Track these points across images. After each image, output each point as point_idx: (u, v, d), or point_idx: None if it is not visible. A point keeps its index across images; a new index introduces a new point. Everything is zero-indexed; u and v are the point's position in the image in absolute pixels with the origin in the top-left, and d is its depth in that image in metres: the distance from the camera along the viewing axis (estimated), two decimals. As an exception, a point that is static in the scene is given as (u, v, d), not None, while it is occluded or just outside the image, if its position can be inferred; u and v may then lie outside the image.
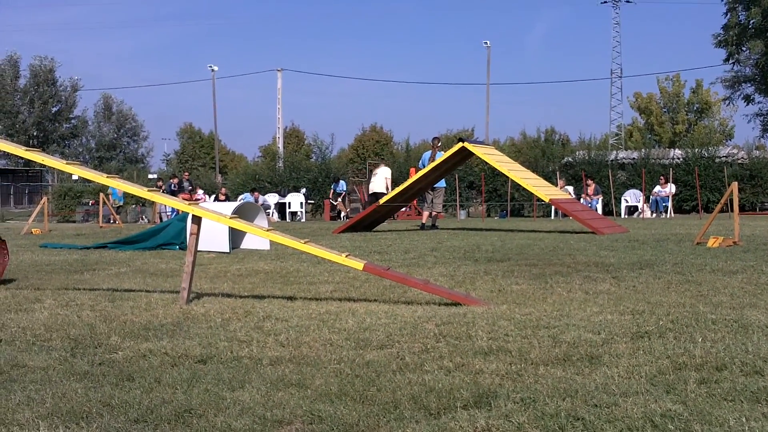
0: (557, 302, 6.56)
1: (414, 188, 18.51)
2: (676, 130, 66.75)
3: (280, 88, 54.60)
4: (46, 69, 68.89)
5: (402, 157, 42.10)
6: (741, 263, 9.19)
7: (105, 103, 75.20)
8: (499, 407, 3.49)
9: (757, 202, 33.23)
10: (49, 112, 69.84)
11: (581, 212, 17.25)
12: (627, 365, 4.19)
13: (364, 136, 65.75)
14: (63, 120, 71.60)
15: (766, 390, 3.65)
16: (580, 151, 38.16)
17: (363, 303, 6.69)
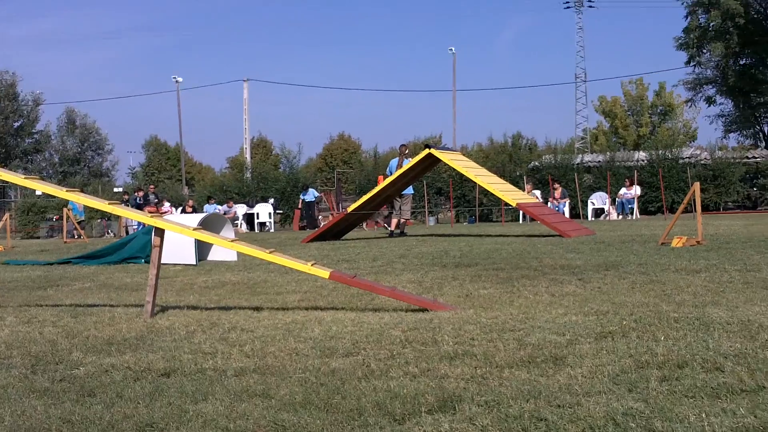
0: (523, 305, 6.58)
1: (382, 195, 18.51)
2: (640, 133, 67.21)
3: (247, 99, 54.53)
4: (8, 83, 68.17)
5: (370, 165, 42.15)
6: (704, 262, 9.27)
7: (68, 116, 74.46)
8: (464, 411, 3.50)
9: (720, 201, 33.59)
10: (11, 127, 69.11)
11: (548, 216, 17.33)
12: (590, 365, 4.22)
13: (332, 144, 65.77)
14: (25, 135, 70.86)
15: (726, 386, 3.68)
16: (546, 156, 38.42)
17: (330, 311, 6.68)
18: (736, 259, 9.55)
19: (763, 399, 3.47)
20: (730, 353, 4.35)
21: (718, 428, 3.11)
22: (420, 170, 18.88)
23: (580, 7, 73.56)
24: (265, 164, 50.28)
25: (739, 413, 3.28)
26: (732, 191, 34.23)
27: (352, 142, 66.03)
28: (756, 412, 3.27)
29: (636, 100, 69.70)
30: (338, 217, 19.20)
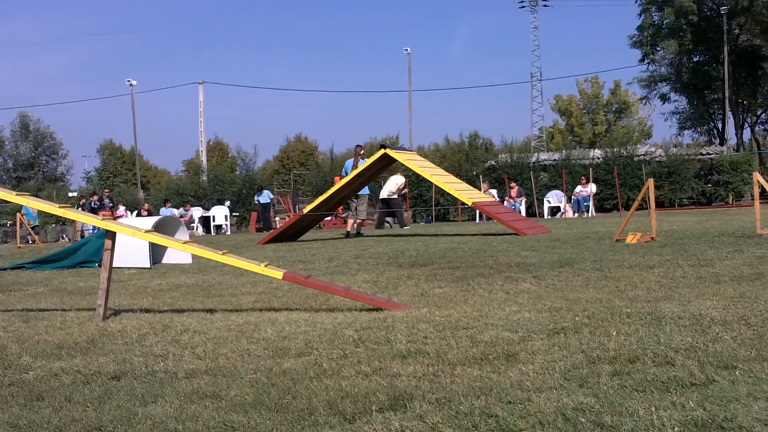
0: (478, 303, 6.59)
1: (338, 196, 18.48)
2: (596, 131, 67.83)
3: (202, 101, 54.21)
4: (-41, 90, 67.35)
5: (327, 166, 42.12)
6: (658, 258, 9.35)
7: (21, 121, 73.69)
8: (414, 409, 3.49)
9: (675, 198, 33.93)
10: (-37, 134, 68.27)
11: (504, 214, 17.40)
12: (542, 361, 4.22)
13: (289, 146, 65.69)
14: (-23, 141, 70.08)
15: (676, 379, 3.70)
16: (503, 155, 38.60)
17: (284, 312, 6.65)
18: (689, 254, 9.64)
19: (713, 392, 3.49)
20: (681, 347, 4.37)
21: (668, 422, 3.12)
22: (376, 171, 18.87)
23: (535, 6, 74.00)
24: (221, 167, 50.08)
25: (688, 406, 3.29)
26: (687, 188, 34.60)
27: (308, 143, 66.00)
28: (705, 405, 3.29)
29: (591, 98, 70.35)
30: (294, 219, 19.14)
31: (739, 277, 7.36)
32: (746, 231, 12.90)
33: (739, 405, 3.26)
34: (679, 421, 3.12)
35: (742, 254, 9.29)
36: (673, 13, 43.09)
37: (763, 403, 3.27)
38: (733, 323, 4.99)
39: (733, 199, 34.07)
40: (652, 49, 46.67)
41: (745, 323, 4.97)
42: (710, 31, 45.07)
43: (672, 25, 44.29)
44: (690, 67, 47.44)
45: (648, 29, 45.65)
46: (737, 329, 4.79)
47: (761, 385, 3.55)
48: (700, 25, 44.69)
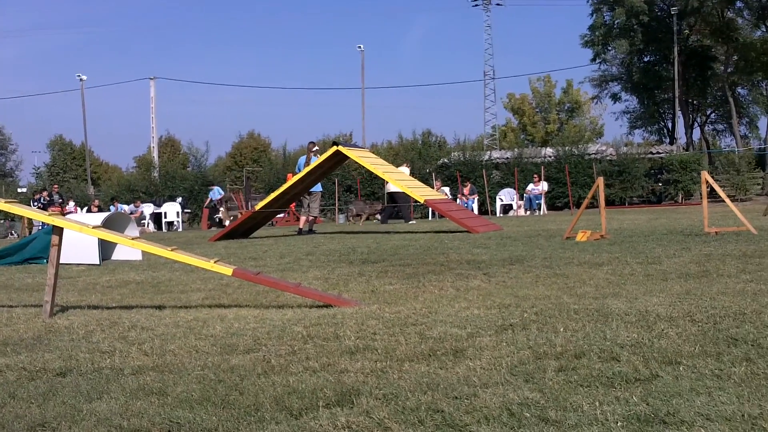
0: (428, 300, 6.61)
1: (290, 193, 18.43)
2: (548, 130, 68.24)
3: (153, 97, 53.74)
4: None
5: (280, 163, 42.00)
6: (607, 255, 9.44)
7: (-31, 116, 72.60)
8: (361, 404, 3.49)
9: (625, 196, 34.28)
10: None
11: (456, 212, 17.46)
12: (490, 357, 4.25)
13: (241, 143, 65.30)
14: (-76, 137, 68.88)
15: (620, 374, 3.74)
16: (455, 153, 38.74)
17: (233, 309, 6.62)
18: (638, 252, 9.74)
19: (656, 387, 3.53)
20: (626, 343, 4.42)
21: (611, 416, 3.15)
22: (328, 167, 18.85)
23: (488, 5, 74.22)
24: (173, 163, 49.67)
25: (632, 401, 3.33)
26: (637, 186, 34.98)
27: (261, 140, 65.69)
28: (648, 400, 3.33)
29: (544, 97, 70.76)
30: (246, 215, 19.05)
31: (686, 275, 7.45)
32: (694, 229, 13.07)
33: (681, 400, 3.31)
34: (622, 415, 3.15)
35: (690, 252, 9.41)
36: (624, 13, 43.48)
37: (705, 398, 3.32)
38: (678, 320, 5.05)
39: (683, 197, 34.49)
40: (603, 49, 47.06)
41: (691, 319, 5.04)
42: (661, 31, 45.54)
43: (623, 25, 44.69)
44: (641, 67, 47.91)
45: (599, 29, 46.01)
46: (682, 325, 4.85)
47: (704, 380, 3.60)
48: (651, 26, 45.15)
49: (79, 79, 52.63)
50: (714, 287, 6.50)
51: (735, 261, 8.31)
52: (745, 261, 8.28)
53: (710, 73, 47.43)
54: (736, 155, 36.14)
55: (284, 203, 19.65)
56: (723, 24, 40.92)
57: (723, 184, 33.03)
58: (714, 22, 41.30)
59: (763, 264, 7.98)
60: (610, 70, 52.09)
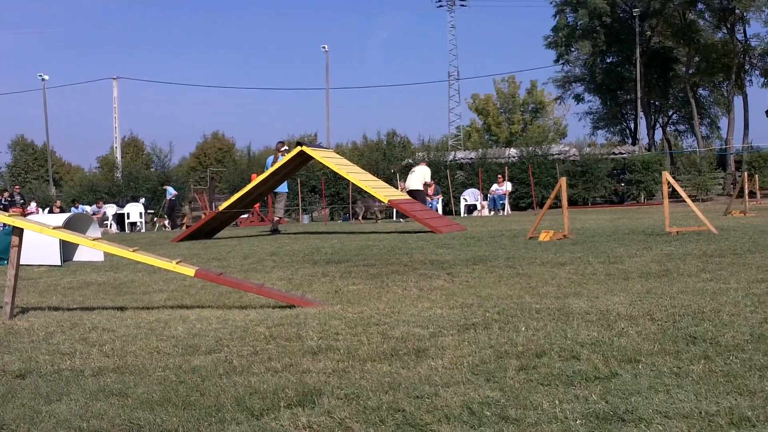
0: (391, 300, 6.62)
1: (254, 193, 18.36)
2: (512, 130, 68.58)
3: (117, 97, 53.42)
4: None
5: (244, 164, 41.87)
6: (569, 255, 9.50)
7: (-71, 117, 71.65)
8: (323, 404, 3.49)
9: (588, 197, 34.51)
10: None
11: (420, 212, 17.48)
12: (451, 357, 4.26)
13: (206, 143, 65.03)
14: None
15: (580, 373, 3.77)
16: (420, 153, 38.82)
17: (196, 310, 6.59)
18: (600, 251, 9.81)
19: (615, 385, 3.56)
20: (587, 342, 4.45)
21: (570, 414, 3.17)
22: (292, 168, 18.81)
23: (452, 5, 74.50)
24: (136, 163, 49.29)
25: (591, 399, 3.36)
26: (600, 186, 35.24)
27: (226, 140, 65.47)
28: (607, 398, 3.36)
29: (508, 97, 71.11)
30: (209, 216, 18.96)
31: (647, 274, 7.52)
32: (656, 229, 13.19)
33: (640, 398, 3.34)
34: (581, 413, 3.18)
35: (651, 252, 9.49)
36: (587, 15, 43.77)
37: (664, 396, 3.35)
38: (638, 318, 5.10)
39: (645, 197, 34.79)
40: (566, 50, 47.34)
41: (650, 318, 5.08)
42: (623, 32, 45.87)
43: (586, 26, 44.96)
44: (603, 68, 48.23)
45: (563, 30, 46.27)
46: (642, 324, 4.89)
47: (663, 378, 3.63)
48: (614, 27, 45.48)
49: (41, 78, 52.26)
50: (674, 286, 6.57)
51: (695, 260, 8.40)
52: (705, 260, 8.37)
53: (672, 74, 47.86)
54: (697, 156, 36.51)
55: (248, 204, 19.57)
56: (684, 26, 41.29)
57: (684, 184, 33.39)
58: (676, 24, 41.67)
59: (722, 263, 8.07)
60: (573, 71, 52.41)
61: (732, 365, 3.79)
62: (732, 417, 3.05)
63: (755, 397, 3.27)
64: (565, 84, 53.93)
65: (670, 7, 40.18)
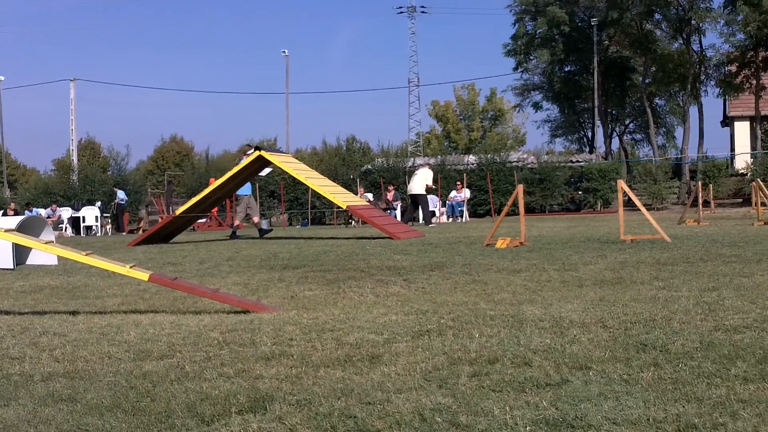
0: (347, 306, 6.62)
1: (211, 198, 18.29)
2: (471, 137, 68.83)
3: (74, 99, 52.82)
4: None
5: (203, 168, 41.66)
6: (525, 262, 9.56)
7: None
8: (274, 410, 3.48)
9: (546, 204, 34.73)
10: None
11: (378, 218, 17.50)
12: (405, 363, 4.27)
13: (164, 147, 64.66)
14: None
15: (532, 380, 3.79)
16: (379, 159, 38.87)
17: (149, 314, 6.54)
18: (555, 259, 9.88)
19: (566, 392, 3.59)
20: (539, 349, 4.48)
21: (520, 421, 3.19)
22: (250, 172, 18.74)
23: (413, 12, 74.66)
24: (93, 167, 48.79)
25: (541, 406, 3.38)
26: (557, 194, 35.47)
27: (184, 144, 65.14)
28: (557, 405, 3.38)
29: (468, 105, 71.40)
30: (166, 220, 18.84)
31: (601, 281, 7.59)
32: (611, 237, 13.30)
33: (590, 404, 3.36)
34: (531, 420, 3.20)
35: (606, 259, 9.58)
36: (545, 23, 44.02)
37: (613, 402, 3.38)
38: (591, 325, 5.14)
39: (601, 205, 35.07)
40: (525, 58, 47.53)
41: (603, 325, 5.13)
42: (581, 42, 46.19)
43: (545, 35, 45.20)
44: (561, 77, 48.50)
45: (522, 38, 46.48)
46: (594, 331, 4.93)
47: (612, 385, 3.66)
48: (572, 36, 45.78)
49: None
50: (627, 294, 6.63)
51: (648, 268, 8.49)
52: (658, 268, 8.46)
53: (629, 83, 48.29)
54: (653, 165, 36.84)
55: (206, 208, 19.47)
56: (641, 36, 41.65)
57: (640, 193, 33.70)
58: (633, 34, 42.00)
59: (675, 271, 8.16)
60: (532, 80, 52.71)
61: (681, 372, 3.83)
62: (679, 424, 3.08)
63: (702, 405, 3.31)
64: (524, 92, 54.23)
65: (627, 17, 40.50)
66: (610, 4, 41.12)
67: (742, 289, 6.70)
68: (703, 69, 41.13)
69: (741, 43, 37.66)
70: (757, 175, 31.69)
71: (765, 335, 4.61)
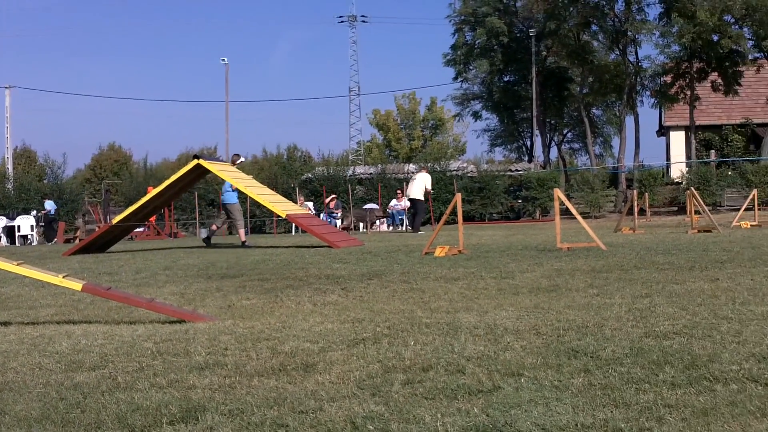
0: (284, 315, 6.60)
1: (149, 206, 18.12)
2: (412, 146, 69.03)
3: (9, 106, 51.98)
4: None
5: (141, 176, 41.25)
6: (463, 270, 9.62)
7: None
8: (206, 420, 3.46)
9: (485, 213, 34.97)
10: None
11: (317, 227, 17.48)
12: (339, 371, 4.27)
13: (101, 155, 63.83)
14: None
15: (464, 387, 3.82)
16: (320, 168, 38.83)
17: (83, 325, 6.46)
18: (493, 267, 9.96)
19: (497, 398, 3.62)
20: (473, 356, 4.51)
21: (451, 428, 3.21)
22: (189, 181, 18.62)
23: (354, 21, 74.79)
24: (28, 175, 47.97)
25: (472, 413, 3.41)
26: (497, 203, 35.75)
27: (122, 152, 64.40)
28: (488, 411, 3.41)
29: (409, 113, 71.59)
30: (103, 229, 18.61)
31: (537, 289, 7.67)
32: (548, 245, 13.43)
33: (520, 410, 3.40)
34: (462, 426, 3.22)
35: (542, 267, 9.68)
36: (484, 34, 44.33)
37: (543, 409, 3.42)
38: (524, 332, 5.19)
39: (540, 214, 35.41)
40: (465, 68, 47.80)
41: (536, 332, 5.18)
42: (520, 52, 46.61)
43: (484, 45, 45.54)
44: (501, 87, 48.86)
45: (461, 48, 46.75)
46: (527, 338, 4.98)
47: (543, 391, 3.71)
48: (510, 46, 46.16)
49: (-74, 86, 50.52)
50: (562, 301, 6.71)
51: (583, 276, 8.59)
52: (593, 276, 8.57)
53: (567, 93, 48.80)
54: (590, 174, 37.28)
55: (144, 217, 19.29)
56: (579, 47, 42.13)
57: (578, 201, 34.10)
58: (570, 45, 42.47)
59: (609, 279, 8.27)
60: (471, 89, 53.00)
61: (610, 378, 3.89)
62: (606, 429, 3.13)
63: (630, 410, 3.37)
64: (464, 101, 54.52)
65: (564, 28, 40.99)
66: (548, 16, 41.59)
67: (674, 295, 6.81)
68: (639, 80, 41.75)
69: (676, 54, 38.32)
70: (692, 183, 32.32)
71: (694, 341, 4.70)
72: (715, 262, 9.55)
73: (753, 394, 3.56)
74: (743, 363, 4.09)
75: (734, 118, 46.38)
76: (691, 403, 3.44)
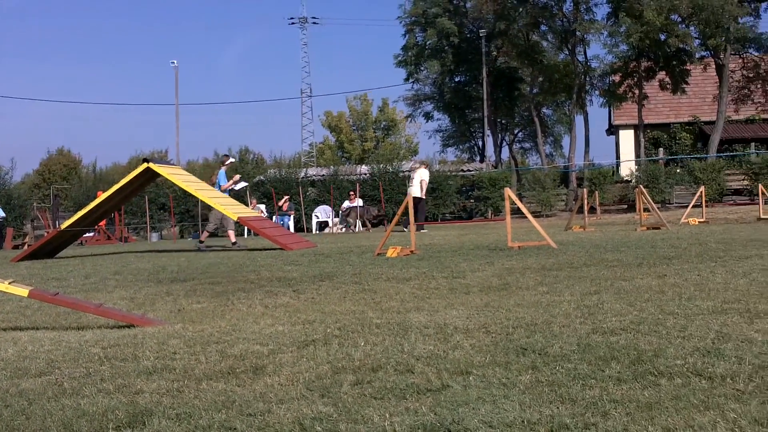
0: (234, 318, 6.58)
1: (98, 211, 17.93)
2: (365, 147, 69.07)
3: (-46, 111, 51.21)
4: None
5: (90, 180, 40.85)
6: (415, 270, 9.64)
7: None
8: (153, 425, 3.44)
9: (438, 213, 35.07)
10: None
11: (269, 229, 17.42)
12: (288, 373, 4.26)
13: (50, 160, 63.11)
14: None
15: (413, 386, 3.83)
16: (272, 170, 38.71)
17: (29, 331, 6.38)
18: (444, 266, 9.99)
19: (446, 397, 3.63)
20: (422, 355, 4.52)
21: (399, 427, 3.22)
22: (139, 185, 18.46)
23: (305, 23, 74.73)
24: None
25: (420, 411, 3.41)
26: (449, 203, 35.87)
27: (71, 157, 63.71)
28: (436, 410, 3.42)
29: (361, 115, 71.62)
30: (52, 234, 18.39)
31: (488, 288, 7.72)
32: (499, 244, 13.50)
33: (467, 408, 3.42)
34: (410, 425, 3.23)
35: (493, 266, 9.73)
36: (435, 35, 44.49)
37: (491, 406, 3.44)
38: (474, 331, 5.21)
39: (492, 213, 35.59)
40: (416, 69, 47.92)
41: (486, 331, 5.21)
42: (470, 52, 46.83)
43: (435, 46, 45.71)
44: (452, 87, 49.10)
45: (412, 49, 46.87)
46: (477, 336, 5.01)
47: (491, 389, 3.73)
48: (461, 47, 46.37)
49: None
50: (512, 299, 6.75)
51: (534, 274, 8.65)
52: (543, 274, 8.63)
53: (517, 93, 49.13)
54: (541, 173, 37.54)
55: (93, 221, 19.09)
56: (528, 47, 42.44)
57: (530, 200, 34.34)
58: (520, 45, 42.77)
59: (559, 276, 8.34)
60: (423, 90, 53.21)
61: (557, 375, 3.92)
62: (552, 425, 3.15)
63: (576, 405, 3.40)
64: (416, 102, 54.70)
65: (514, 28, 41.27)
66: (497, 16, 41.83)
67: (622, 292, 6.89)
68: (588, 79, 42.11)
69: (624, 53, 38.68)
70: (641, 181, 32.64)
71: (640, 336, 4.75)
72: (663, 259, 9.66)
73: (697, 387, 3.60)
74: (688, 357, 4.14)
75: (682, 116, 47.01)
76: (636, 398, 3.47)
